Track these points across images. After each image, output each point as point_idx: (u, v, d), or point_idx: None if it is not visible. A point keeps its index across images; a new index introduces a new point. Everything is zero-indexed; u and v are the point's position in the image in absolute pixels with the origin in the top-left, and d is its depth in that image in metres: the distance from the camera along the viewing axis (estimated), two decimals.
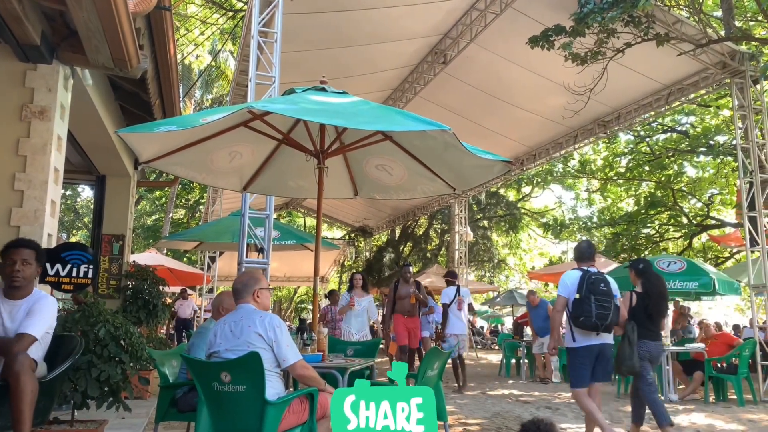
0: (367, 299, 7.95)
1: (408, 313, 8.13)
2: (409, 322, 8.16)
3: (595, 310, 4.57)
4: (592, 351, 4.68)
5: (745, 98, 8.70)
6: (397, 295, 8.22)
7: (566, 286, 4.82)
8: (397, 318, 8.18)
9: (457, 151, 4.25)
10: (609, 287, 4.72)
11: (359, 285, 8.00)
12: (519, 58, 9.28)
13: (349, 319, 7.74)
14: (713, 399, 7.88)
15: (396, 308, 8.21)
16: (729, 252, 17.82)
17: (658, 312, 5.16)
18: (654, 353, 5.10)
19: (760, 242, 8.35)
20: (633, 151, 18.63)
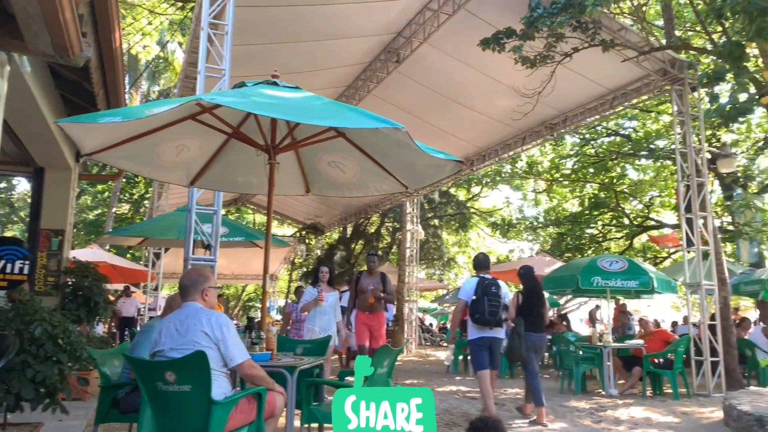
0: (334, 295, 7.14)
1: (370, 308, 7.17)
2: (371, 318, 7.17)
3: (488, 308, 5.59)
4: (486, 342, 5.72)
5: (684, 105, 9.08)
6: (358, 287, 7.29)
7: (466, 290, 5.82)
8: (357, 316, 7.26)
9: (410, 150, 4.26)
10: (499, 290, 5.72)
11: (326, 279, 7.07)
12: (471, 59, 9.39)
13: (314, 317, 6.87)
14: (650, 393, 8.20)
15: (358, 303, 7.33)
16: (667, 252, 18.58)
17: (536, 307, 6.22)
18: (537, 344, 6.19)
19: (696, 243, 8.74)
20: (578, 153, 19.15)
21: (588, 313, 17.74)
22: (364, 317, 7.18)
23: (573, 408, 6.94)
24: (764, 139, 15.40)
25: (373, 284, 7.19)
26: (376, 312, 7.15)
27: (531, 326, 6.08)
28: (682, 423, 6.09)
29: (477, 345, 5.75)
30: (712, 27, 9.21)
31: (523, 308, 6.15)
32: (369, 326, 7.15)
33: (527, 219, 23.35)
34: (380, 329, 7.19)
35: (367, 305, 7.15)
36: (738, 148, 15.45)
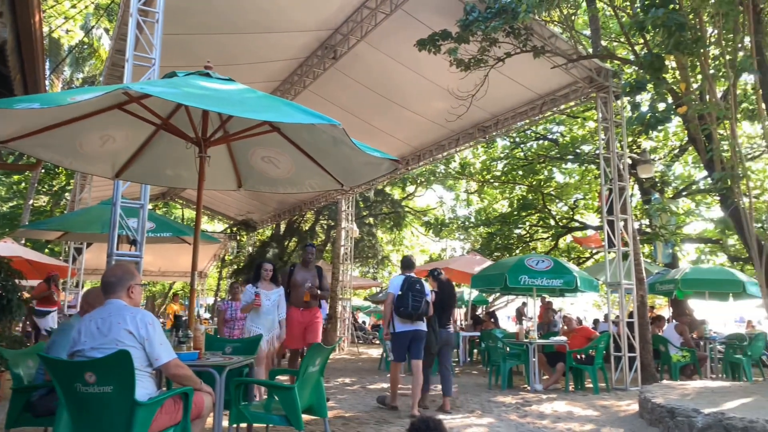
0: (278, 292, 6.49)
1: (305, 305, 6.69)
2: (306, 315, 6.69)
3: (412, 302, 6.11)
4: (408, 335, 6.21)
5: (608, 112, 9.51)
6: (292, 281, 6.75)
7: (394, 285, 6.34)
8: (290, 313, 6.65)
9: (345, 147, 4.26)
10: (423, 288, 6.26)
11: (268, 277, 6.50)
12: (407, 59, 9.48)
13: (256, 317, 6.30)
14: (573, 388, 8.54)
15: (290, 298, 6.72)
16: (589, 252, 19.43)
17: (449, 306, 6.85)
18: (448, 339, 6.74)
19: (617, 244, 9.18)
20: (508, 156, 19.70)
21: (515, 310, 18.29)
22: (297, 314, 6.67)
23: (500, 403, 7.14)
24: (680, 147, 16.38)
25: (308, 278, 6.74)
26: (311, 308, 6.72)
27: (441, 322, 6.69)
28: (601, 416, 6.37)
29: (400, 337, 6.24)
30: (635, 39, 9.68)
31: (437, 307, 6.62)
32: (303, 324, 6.68)
33: (459, 219, 23.84)
34: (316, 327, 6.76)
35: (301, 301, 6.67)
36: (656, 154, 16.35)
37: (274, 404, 4.16)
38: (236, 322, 7.38)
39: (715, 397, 5.62)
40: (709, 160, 7.59)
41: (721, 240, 17.35)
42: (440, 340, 6.62)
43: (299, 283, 6.71)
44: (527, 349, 8.58)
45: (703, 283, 11.49)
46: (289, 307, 6.66)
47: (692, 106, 7.17)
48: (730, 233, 14.81)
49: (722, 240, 17.17)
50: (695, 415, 4.74)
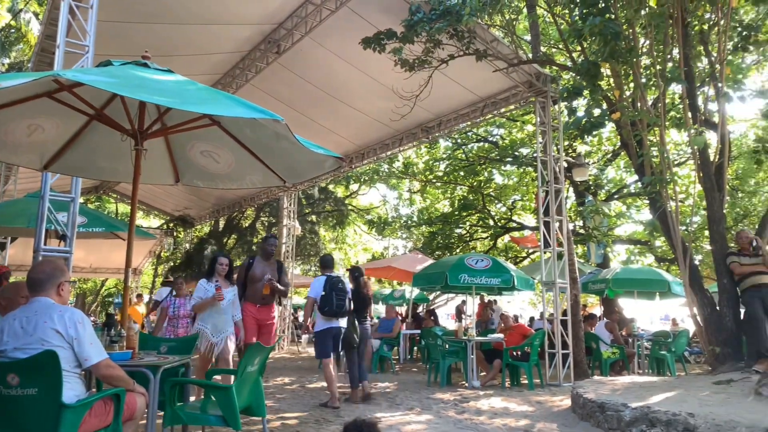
0: (233, 290, 6.00)
1: (262, 300, 6.36)
2: (262, 312, 6.41)
3: (336, 301, 6.36)
4: (332, 332, 6.46)
5: (546, 116, 9.79)
6: (250, 275, 6.39)
7: (315, 288, 6.52)
8: (246, 308, 6.33)
9: (288, 143, 4.21)
10: (344, 286, 6.57)
11: (224, 272, 5.94)
12: (352, 57, 9.46)
13: (207, 316, 5.74)
14: (509, 384, 8.76)
15: (246, 293, 6.39)
16: (526, 252, 19.98)
17: (365, 305, 7.24)
18: (363, 334, 7.08)
19: (552, 244, 9.47)
20: (450, 156, 20.01)
21: (455, 308, 18.59)
22: (254, 310, 6.33)
23: (438, 400, 7.23)
24: (612, 152, 17.07)
25: (268, 272, 6.40)
26: (268, 305, 6.41)
27: (359, 319, 7.04)
28: (536, 411, 6.56)
29: (323, 335, 6.49)
30: (573, 46, 10.03)
31: (355, 303, 7.01)
32: (259, 321, 6.35)
33: (402, 218, 24.03)
34: (271, 327, 6.49)
35: (259, 296, 6.32)
36: (590, 158, 16.98)
37: (211, 404, 4.07)
38: (180, 320, 6.99)
39: (642, 391, 5.89)
40: (639, 165, 7.94)
41: (649, 241, 18.22)
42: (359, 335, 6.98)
43: (258, 276, 6.32)
44: (466, 346, 8.73)
45: (632, 282, 12.01)
46: (245, 302, 6.31)
47: (625, 113, 7.47)
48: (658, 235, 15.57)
49: (650, 241, 18.04)
50: (623, 409, 4.94)
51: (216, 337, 5.74)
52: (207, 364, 5.77)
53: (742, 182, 16.86)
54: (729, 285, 7.04)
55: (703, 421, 4.31)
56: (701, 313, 7.28)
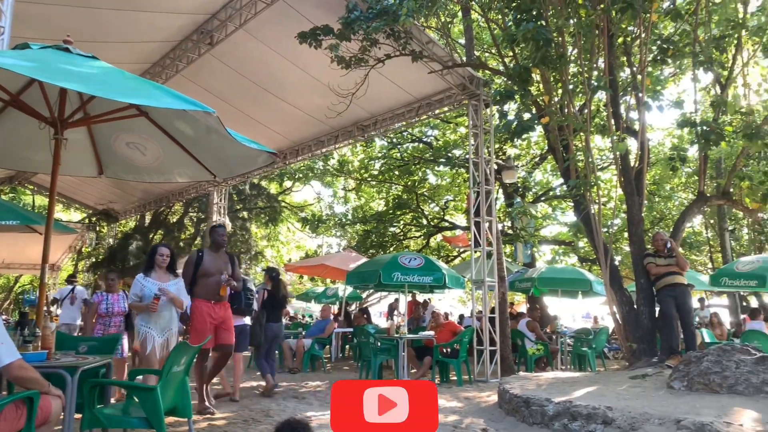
0: (176, 285, 5.40)
1: (217, 297, 5.78)
2: (218, 310, 5.80)
3: (245, 300, 6.81)
4: (238, 329, 6.50)
5: (478, 119, 10.01)
6: (201, 269, 5.75)
7: None
8: (198, 305, 5.73)
9: (220, 137, 4.10)
10: (252, 286, 7.08)
11: (165, 264, 5.37)
12: (288, 52, 9.33)
13: (147, 315, 5.21)
14: (438, 380, 8.90)
15: (197, 290, 5.76)
16: (457, 251, 20.38)
17: (280, 305, 7.47)
18: (276, 332, 7.34)
19: (482, 244, 9.70)
20: (386, 156, 20.13)
21: (388, 306, 18.72)
22: (208, 308, 5.73)
23: None
24: (540, 156, 17.67)
25: (221, 266, 5.79)
26: (222, 302, 5.89)
27: (274, 318, 7.31)
28: (464, 407, 6.70)
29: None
30: (505, 51, 10.30)
31: (267, 303, 7.31)
32: (215, 320, 5.78)
33: (336, 216, 23.94)
34: (230, 324, 5.97)
35: (212, 293, 5.75)
36: (519, 161, 17.52)
37: (134, 406, 3.91)
38: (113, 317, 6.39)
39: (565, 386, 6.13)
40: (565, 169, 8.25)
41: (573, 242, 18.99)
42: (271, 333, 7.25)
43: (210, 271, 5.73)
44: (397, 344, 8.80)
45: (557, 281, 12.48)
46: (196, 299, 5.74)
47: (553, 118, 7.74)
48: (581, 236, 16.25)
49: (574, 242, 18.81)
50: (547, 404, 5.12)
51: (162, 337, 5.23)
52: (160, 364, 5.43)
53: (658, 187, 17.86)
54: (646, 284, 7.43)
55: (620, 414, 4.53)
56: (620, 311, 7.65)
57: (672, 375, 5.68)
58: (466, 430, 5.37)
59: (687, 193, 18.59)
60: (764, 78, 8.36)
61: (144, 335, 5.18)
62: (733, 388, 5.08)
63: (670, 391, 5.39)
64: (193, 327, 5.80)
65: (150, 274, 5.32)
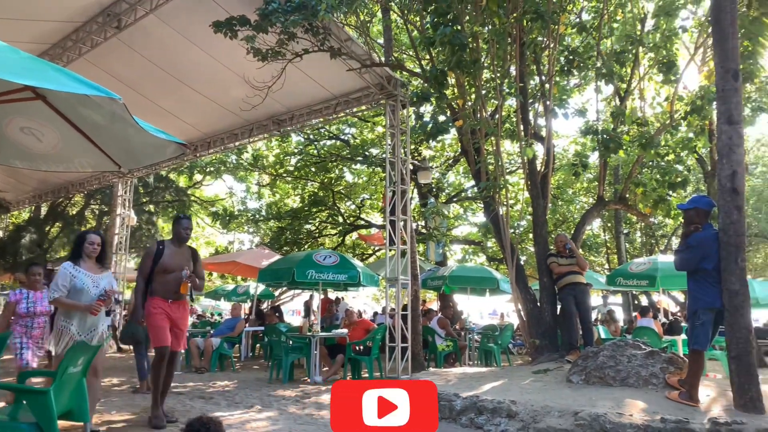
0: (108, 278, 4.86)
1: (175, 295, 5.27)
2: (176, 309, 5.29)
3: None
4: None
5: (395, 119, 10.11)
6: (160, 264, 5.23)
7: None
8: (155, 304, 5.19)
9: (126, 125, 3.89)
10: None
11: (95, 254, 4.77)
12: (202, 41, 9.00)
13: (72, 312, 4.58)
14: (350, 378, 8.93)
15: (154, 287, 5.24)
16: (372, 249, 20.54)
17: None
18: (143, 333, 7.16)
19: (396, 243, 9.82)
20: (302, 152, 19.93)
21: (303, 303, 18.56)
22: (164, 305, 5.21)
23: (280, 397, 7.17)
24: (453, 158, 18.15)
25: (183, 262, 5.29)
26: (182, 300, 5.36)
27: None
28: None
29: None
30: (422, 54, 10.48)
31: None
32: (173, 320, 5.26)
33: (249, 211, 23.41)
34: (184, 323, 5.44)
35: (172, 290, 5.23)
36: (434, 162, 17.90)
37: (23, 411, 3.63)
38: (36, 318, 5.55)
39: (472, 381, 6.32)
40: (477, 171, 8.52)
41: (482, 242, 19.67)
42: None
43: (170, 267, 5.21)
44: (310, 342, 8.75)
45: (466, 279, 12.87)
46: (152, 297, 5.21)
47: (467, 121, 7.97)
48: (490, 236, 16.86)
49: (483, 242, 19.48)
50: (455, 399, 5.27)
51: (83, 336, 4.59)
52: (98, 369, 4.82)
53: (561, 191, 18.84)
54: (548, 283, 7.81)
55: (523, 408, 4.74)
56: (524, 308, 8.00)
57: (571, 369, 6.01)
58: None
59: (587, 197, 19.75)
60: (657, 93, 9.01)
61: (60, 330, 4.55)
62: (626, 381, 5.45)
63: (569, 385, 5.70)
64: (151, 326, 5.22)
65: (79, 263, 4.68)
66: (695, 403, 4.69)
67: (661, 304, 15.21)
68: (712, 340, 4.98)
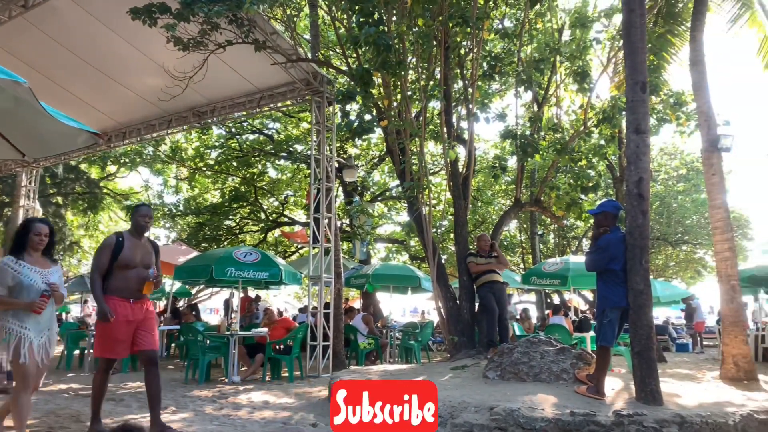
0: (57, 273, 4.31)
1: (137, 294, 4.65)
2: (138, 311, 4.65)
3: None
4: None
5: (321, 116, 10.06)
6: (120, 259, 4.58)
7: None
8: (112, 305, 4.50)
9: (32, 112, 3.64)
10: None
11: (41, 246, 4.23)
12: (118, 26, 8.58)
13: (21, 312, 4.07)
14: (270, 378, 8.80)
15: (113, 284, 4.57)
16: (295, 247, 20.32)
17: None
18: None
19: (320, 241, 9.77)
20: (224, 145, 19.39)
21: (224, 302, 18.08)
22: (125, 309, 4.57)
23: (196, 397, 6.96)
24: (379, 157, 18.26)
25: (146, 257, 4.70)
26: (142, 299, 4.73)
27: None
28: (295, 403, 6.69)
29: None
30: (349, 51, 10.46)
31: None
32: (134, 322, 4.62)
33: (166, 206, 22.53)
34: (152, 325, 4.81)
35: (134, 289, 4.62)
36: (359, 161, 17.94)
37: None
38: None
39: (392, 379, 6.40)
40: (401, 171, 8.62)
41: (405, 241, 19.92)
42: None
43: (131, 261, 4.60)
44: (228, 341, 8.54)
45: (389, 278, 13.00)
46: (110, 296, 4.54)
47: (392, 122, 8.04)
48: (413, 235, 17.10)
49: (406, 241, 19.74)
50: None
51: (41, 338, 4.12)
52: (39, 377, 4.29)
53: (481, 193, 19.38)
54: (467, 282, 8.02)
55: (441, 404, 4.83)
56: (444, 306, 8.18)
57: (487, 366, 6.20)
58: (296, 426, 5.37)
59: (506, 199, 20.44)
60: (572, 101, 9.47)
61: (17, 337, 4.00)
62: (538, 377, 5.68)
63: (486, 381, 5.88)
64: (99, 333, 4.61)
65: (23, 257, 4.14)
66: (602, 397, 4.97)
67: (572, 302, 16.01)
68: (617, 337, 5.28)
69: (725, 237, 7.64)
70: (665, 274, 25.10)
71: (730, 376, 7.45)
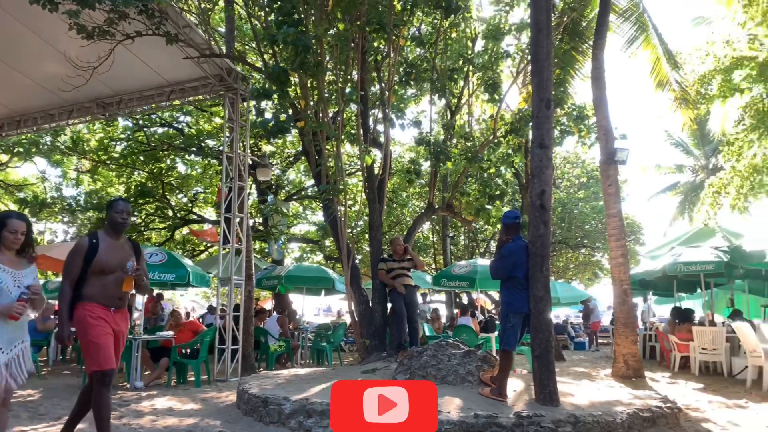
0: (33, 274, 3.81)
1: (119, 302, 4.14)
2: (119, 320, 4.17)
3: None
4: None
5: (235, 112, 9.81)
6: (96, 263, 4.02)
7: None
8: (93, 311, 4.00)
9: None
10: None
11: (17, 245, 3.70)
12: (16, 9, 7.97)
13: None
14: (175, 383, 8.49)
15: (88, 291, 4.02)
16: (204, 246, 19.72)
17: None
18: None
19: (231, 240, 9.54)
20: (130, 138, 18.48)
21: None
22: (106, 314, 4.05)
23: None
24: (294, 156, 18.09)
25: (125, 257, 4.15)
26: (124, 308, 4.25)
27: None
28: (201, 409, 6.50)
29: None
30: (265, 49, 10.29)
31: None
32: (115, 333, 4.11)
33: (65, 199, 21.16)
34: (125, 338, 4.34)
35: (114, 295, 4.10)
36: (274, 160, 17.68)
37: None
38: None
39: (303, 383, 6.37)
40: (318, 173, 8.59)
41: (319, 241, 19.85)
42: None
43: (109, 265, 4.06)
44: (131, 344, 8.16)
45: (303, 279, 12.93)
46: (87, 303, 4.01)
47: (308, 123, 8.00)
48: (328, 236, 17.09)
49: (321, 241, 19.68)
50: (285, 403, 5.26)
51: (10, 353, 3.65)
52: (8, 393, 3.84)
53: (396, 195, 19.68)
54: (380, 285, 8.13)
55: None
56: (357, 309, 8.24)
57: (397, 369, 6.31)
58: None
59: (419, 201, 20.85)
60: (483, 110, 9.83)
61: None
62: (446, 379, 5.86)
63: None
64: (90, 342, 4.01)
65: None
66: (504, 399, 5.20)
67: (479, 301, 16.60)
68: (520, 341, 5.54)
69: (619, 244, 8.21)
70: (565, 276, 26.53)
71: (620, 374, 8.04)
